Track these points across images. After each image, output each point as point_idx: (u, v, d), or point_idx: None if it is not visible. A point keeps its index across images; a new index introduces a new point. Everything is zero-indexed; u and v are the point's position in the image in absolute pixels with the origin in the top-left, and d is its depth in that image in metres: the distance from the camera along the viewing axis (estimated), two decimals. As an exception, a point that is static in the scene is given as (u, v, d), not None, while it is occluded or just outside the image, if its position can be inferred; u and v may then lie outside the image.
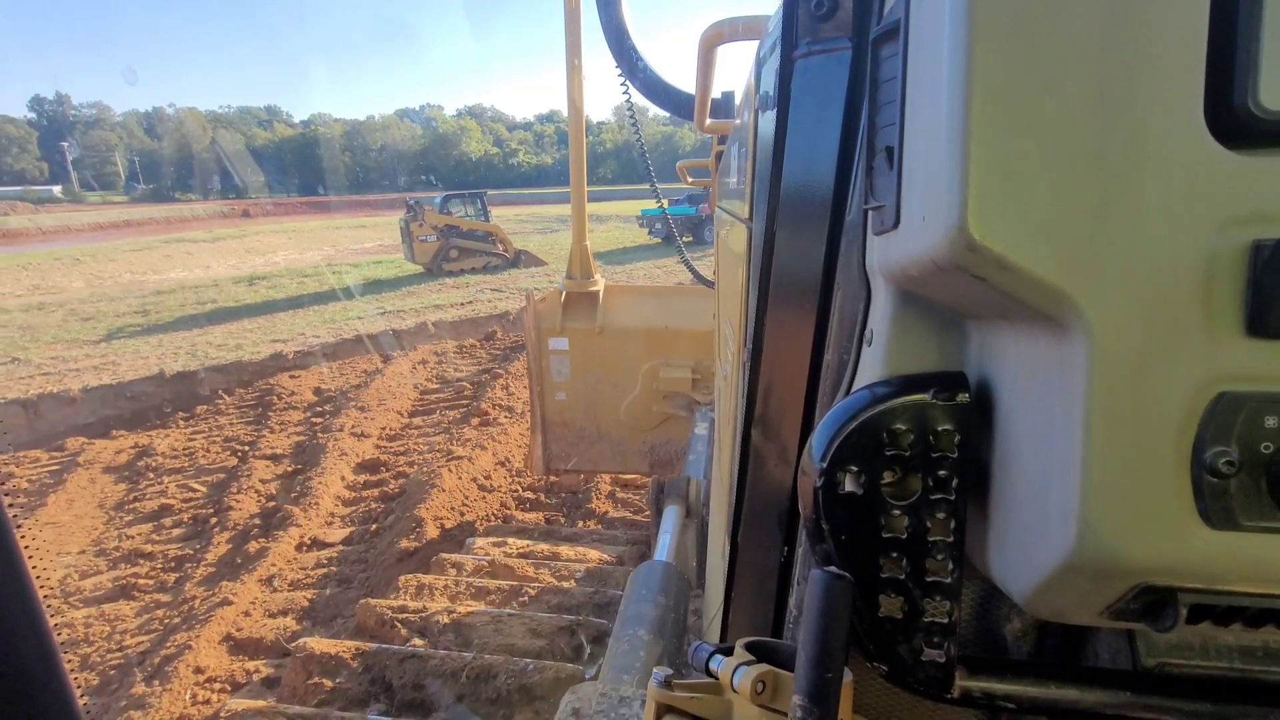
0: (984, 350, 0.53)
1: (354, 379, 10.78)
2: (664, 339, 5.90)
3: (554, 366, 6.19)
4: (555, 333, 6.06)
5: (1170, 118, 0.38)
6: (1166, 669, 0.56)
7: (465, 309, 15.79)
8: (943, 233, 0.42)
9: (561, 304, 5.96)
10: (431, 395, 9.91)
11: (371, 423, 8.59)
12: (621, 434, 6.18)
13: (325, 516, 6.40)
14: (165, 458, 8.06)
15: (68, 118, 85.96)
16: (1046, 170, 0.39)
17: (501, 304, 16.21)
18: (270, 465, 7.59)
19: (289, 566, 5.57)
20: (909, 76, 0.49)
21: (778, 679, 0.55)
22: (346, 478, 7.12)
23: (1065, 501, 0.42)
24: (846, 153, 0.66)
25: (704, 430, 4.53)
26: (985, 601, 0.68)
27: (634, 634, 1.92)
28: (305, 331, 14.33)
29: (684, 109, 3.20)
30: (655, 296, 6.32)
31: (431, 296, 17.74)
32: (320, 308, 16.81)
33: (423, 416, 9.09)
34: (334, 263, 24.74)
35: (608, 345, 6.00)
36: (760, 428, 0.87)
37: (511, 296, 17.07)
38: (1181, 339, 0.39)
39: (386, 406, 9.17)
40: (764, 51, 0.95)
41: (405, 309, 16.16)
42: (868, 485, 0.53)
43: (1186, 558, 0.41)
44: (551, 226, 37.63)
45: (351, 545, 5.99)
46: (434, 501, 6.11)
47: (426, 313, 15.48)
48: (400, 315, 15.40)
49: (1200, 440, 0.40)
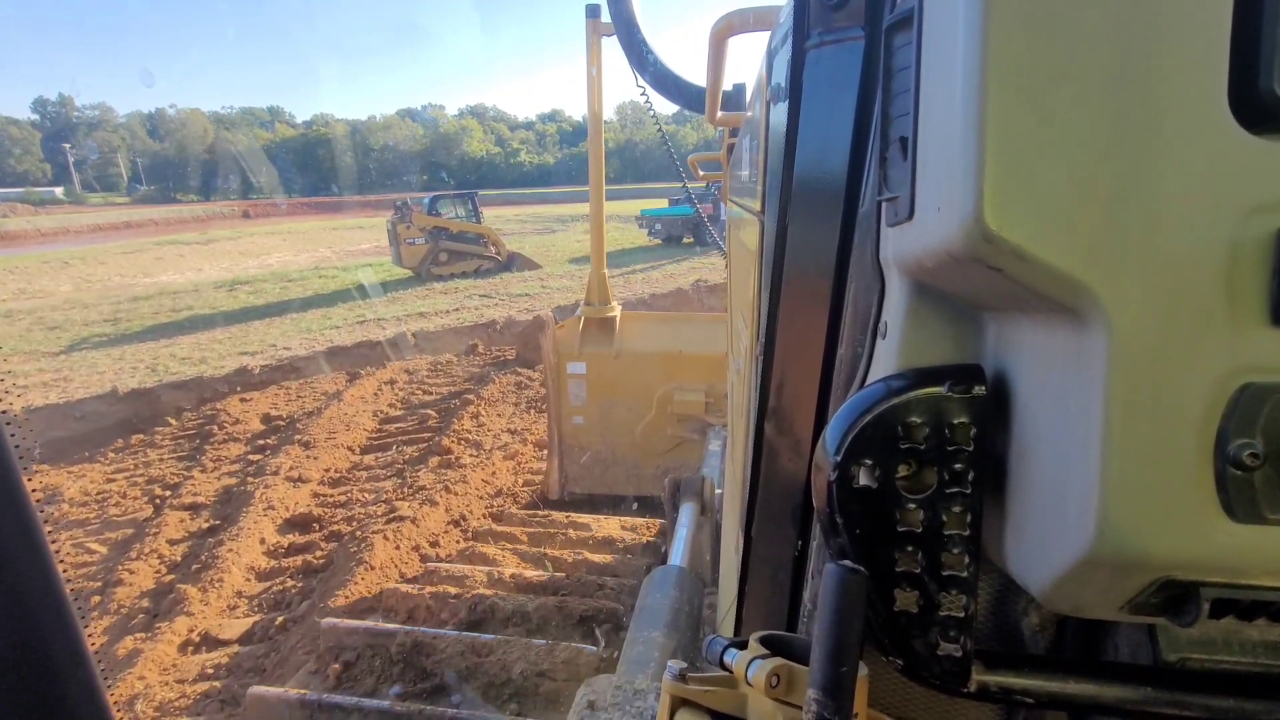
0: (1000, 342, 0.54)
1: (311, 402, 10.08)
2: (678, 363, 6.20)
3: (571, 390, 6.47)
4: (573, 357, 6.37)
5: (1193, 102, 0.38)
6: (1188, 664, 0.56)
7: (450, 317, 15.42)
8: (958, 223, 0.43)
9: (580, 329, 6.36)
10: (392, 425, 9.29)
11: (314, 463, 7.77)
12: (636, 457, 6.45)
13: (228, 599, 5.50)
14: (73, 505, 7.29)
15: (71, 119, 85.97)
16: (1064, 158, 0.40)
17: (489, 311, 15.87)
18: (186, 519, 6.76)
19: (163, 678, 4.57)
20: (923, 65, 0.49)
21: (792, 673, 0.56)
22: (268, 540, 6.29)
23: (1084, 495, 0.43)
24: (860, 144, 0.67)
25: (717, 446, 4.67)
26: (1002, 595, 0.68)
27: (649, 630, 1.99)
28: (277, 343, 13.95)
29: (694, 102, 3.26)
30: (670, 323, 6.77)
31: (417, 303, 17.57)
32: (299, 315, 16.60)
33: (376, 454, 8.33)
34: (322, 266, 23.60)
35: (624, 370, 6.31)
36: (773, 421, 0.87)
37: (501, 303, 17.00)
38: (1204, 329, 0.40)
39: (336, 441, 8.41)
40: (775, 43, 0.96)
41: (387, 316, 15.90)
42: (882, 479, 0.54)
43: (1209, 551, 0.42)
44: (551, 227, 36.50)
45: (250, 644, 5.01)
46: (360, 583, 5.17)
47: (409, 321, 15.22)
48: (381, 324, 15.09)
49: (1223, 432, 0.40)
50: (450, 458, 7.43)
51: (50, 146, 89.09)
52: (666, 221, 26.24)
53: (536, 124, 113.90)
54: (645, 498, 6.38)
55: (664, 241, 25.97)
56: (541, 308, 16.65)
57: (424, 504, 6.19)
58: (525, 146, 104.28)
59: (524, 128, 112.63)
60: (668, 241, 26.10)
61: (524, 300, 17.24)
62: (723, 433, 4.92)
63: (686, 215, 25.48)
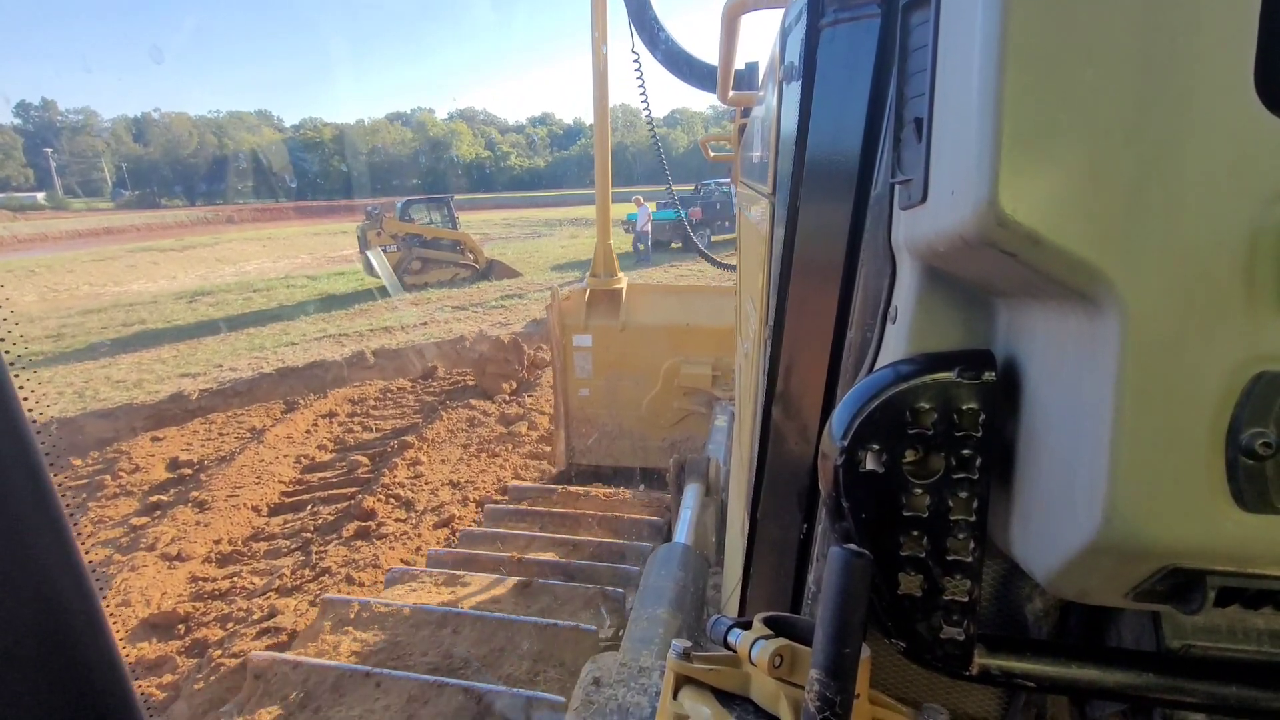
0: (1011, 328, 0.57)
1: (231, 441, 8.99)
2: (685, 336, 6.31)
3: (577, 363, 6.54)
4: (579, 329, 6.46)
5: (1218, 85, 0.39)
6: (1192, 651, 0.60)
7: (417, 332, 14.61)
8: (972, 207, 0.44)
9: (585, 301, 6.52)
10: (315, 475, 8.13)
11: (204, 532, 6.56)
12: (643, 430, 6.57)
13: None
14: None
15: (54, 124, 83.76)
16: (1083, 141, 0.41)
17: (460, 325, 15.08)
18: None
19: None
20: (940, 44, 0.51)
21: (795, 653, 0.60)
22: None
23: (1093, 482, 0.45)
24: (873, 125, 0.69)
25: (723, 422, 4.84)
26: (1006, 580, 0.72)
27: (653, 609, 2.06)
28: (224, 363, 13.11)
29: (706, 81, 3.19)
30: (676, 295, 6.81)
31: (384, 315, 16.87)
32: (256, 330, 15.71)
33: (286, 516, 7.15)
34: (293, 275, 22.44)
35: (630, 342, 6.41)
36: (781, 405, 0.89)
37: (473, 316, 16.20)
38: (1220, 317, 0.41)
39: (240, 499, 7.16)
40: (789, 21, 0.99)
41: (349, 332, 15.06)
42: (889, 464, 0.57)
43: (1217, 540, 0.43)
44: (538, 231, 35.29)
45: None
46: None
47: (372, 337, 14.33)
48: (340, 340, 14.25)
49: (1236, 421, 0.42)
50: (371, 524, 5.91)
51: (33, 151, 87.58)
52: (654, 226, 24.86)
53: (527, 127, 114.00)
54: (651, 470, 6.60)
55: (650, 246, 24.50)
56: (516, 321, 15.35)
57: (309, 605, 4.65)
58: (515, 150, 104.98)
59: (514, 131, 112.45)
60: (655, 247, 24.87)
61: (499, 312, 17.01)
62: (729, 408, 5.08)
63: (674, 220, 23.99)
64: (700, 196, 27.80)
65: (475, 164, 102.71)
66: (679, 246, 25.55)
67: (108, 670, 0.97)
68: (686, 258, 23.47)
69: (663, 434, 6.42)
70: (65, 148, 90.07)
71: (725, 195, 27.33)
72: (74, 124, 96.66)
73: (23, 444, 0.91)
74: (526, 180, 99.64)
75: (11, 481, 0.90)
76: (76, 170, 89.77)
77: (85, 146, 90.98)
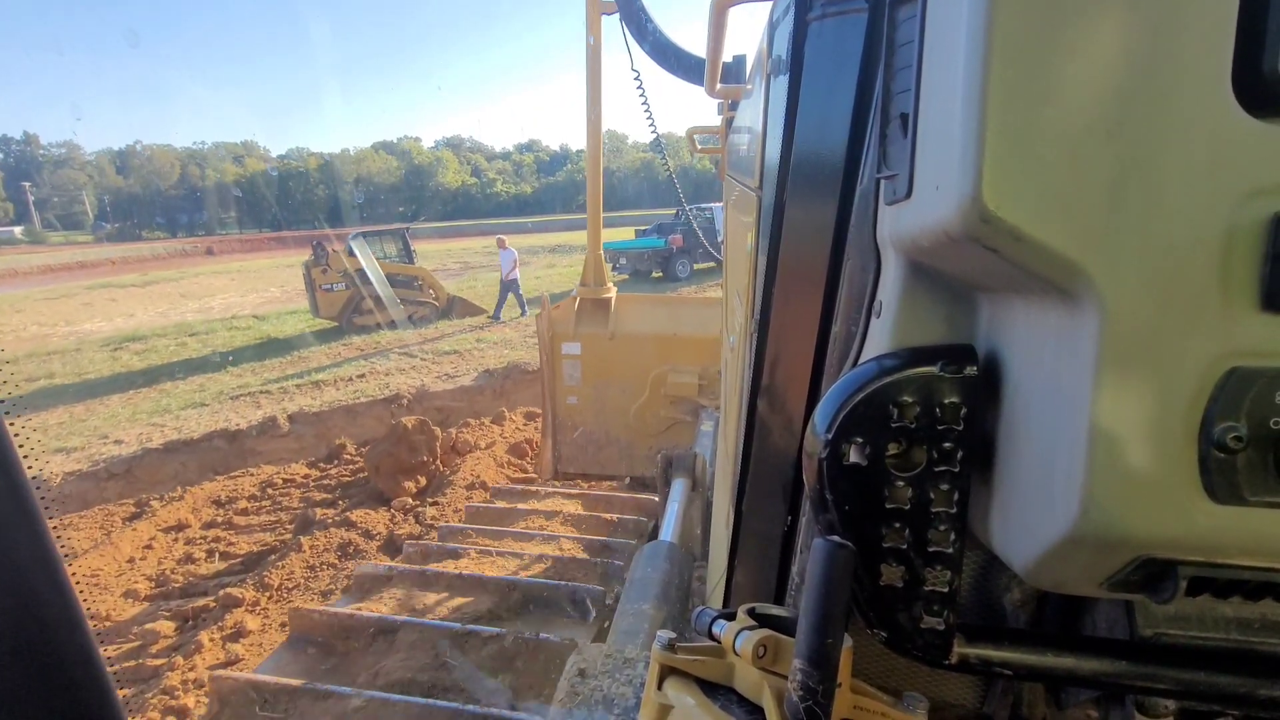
0: (993, 323, 0.58)
1: None
2: (672, 345, 6.38)
3: (566, 370, 6.62)
4: (568, 338, 6.56)
5: (1197, 85, 0.40)
6: (1163, 639, 0.61)
7: (348, 388, 12.49)
8: (956, 202, 0.44)
9: (575, 310, 6.67)
10: None
11: None
12: (630, 438, 6.62)
13: None
14: None
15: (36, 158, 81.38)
16: (1065, 138, 0.41)
17: (400, 377, 13.02)
18: None
19: None
20: (926, 40, 0.51)
21: (779, 643, 0.61)
22: None
23: (1070, 475, 0.46)
24: (860, 119, 0.70)
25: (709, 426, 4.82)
26: (985, 571, 0.73)
27: (639, 604, 2.06)
28: (113, 432, 10.90)
29: (693, 73, 3.22)
30: (665, 305, 7.11)
31: (321, 364, 14.79)
32: (173, 385, 13.56)
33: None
34: (239, 316, 23.19)
35: (618, 351, 6.48)
36: (766, 398, 0.88)
37: (420, 364, 14.11)
38: (1196, 313, 0.42)
39: None
40: (777, 14, 0.98)
41: (274, 387, 13.02)
42: (872, 457, 0.58)
43: (1189, 531, 0.44)
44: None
45: None
46: None
47: (297, 394, 12.36)
48: (258, 399, 12.23)
49: (1209, 415, 0.42)
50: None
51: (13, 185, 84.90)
52: (633, 255, 23.41)
53: (513, 154, 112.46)
54: (638, 478, 6.71)
55: (630, 276, 22.97)
56: (467, 370, 13.16)
57: None
58: (502, 177, 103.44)
59: (501, 158, 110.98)
60: (634, 276, 23.40)
61: (450, 360, 14.98)
62: (715, 414, 5.28)
63: (656, 248, 21.80)
64: (681, 222, 26.01)
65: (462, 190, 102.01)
66: (660, 276, 23.49)
67: (85, 665, 1.00)
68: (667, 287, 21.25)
69: (650, 442, 6.35)
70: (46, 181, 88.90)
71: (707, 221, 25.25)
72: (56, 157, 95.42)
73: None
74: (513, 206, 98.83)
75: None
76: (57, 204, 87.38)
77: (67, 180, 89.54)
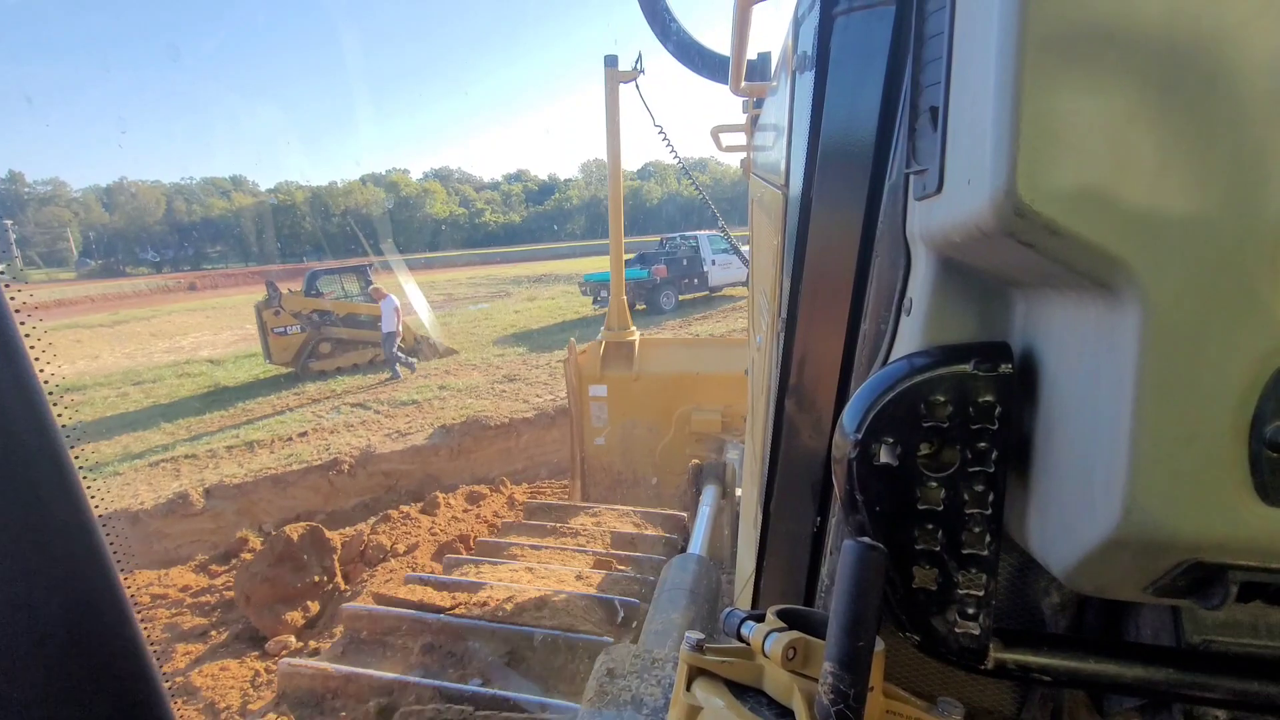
0: (1029, 319, 0.55)
1: None
2: (695, 385, 6.54)
3: (593, 413, 6.75)
4: (595, 380, 6.73)
5: (1249, 67, 0.38)
6: (1213, 647, 0.58)
7: (286, 449, 10.91)
8: (989, 197, 0.43)
9: (601, 353, 6.89)
10: None
11: None
12: (656, 476, 6.78)
13: None
14: None
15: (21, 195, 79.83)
16: (1104, 127, 0.40)
17: (346, 435, 11.39)
18: None
19: None
20: (956, 30, 0.50)
21: (809, 646, 0.59)
22: None
23: (1112, 475, 0.44)
24: (888, 114, 0.68)
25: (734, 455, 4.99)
26: (1022, 573, 0.71)
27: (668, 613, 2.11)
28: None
29: (718, 71, 3.18)
30: (686, 346, 7.28)
31: (263, 417, 13.11)
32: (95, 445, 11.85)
33: None
34: (193, 361, 20.56)
35: (643, 391, 6.63)
36: (794, 397, 0.87)
37: (373, 418, 12.33)
38: (1245, 308, 0.40)
39: None
40: (802, 10, 0.97)
41: (201, 449, 11.35)
42: (903, 457, 0.57)
43: (1239, 534, 0.42)
44: (504, 290, 31.71)
45: None
46: None
47: (224, 459, 10.70)
48: (179, 466, 10.58)
49: (1260, 413, 0.40)
50: None
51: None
52: None
53: (502, 184, 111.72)
54: None
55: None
56: (423, 426, 11.66)
57: None
58: (490, 206, 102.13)
59: (490, 188, 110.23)
60: None
61: (407, 412, 13.09)
62: (739, 445, 5.32)
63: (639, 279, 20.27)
64: (666, 252, 24.53)
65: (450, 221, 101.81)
66: (643, 308, 22.01)
67: (134, 658, 1.00)
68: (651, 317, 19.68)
69: (676, 480, 6.31)
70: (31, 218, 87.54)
71: (693, 250, 23.84)
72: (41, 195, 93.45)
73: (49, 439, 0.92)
74: (502, 236, 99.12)
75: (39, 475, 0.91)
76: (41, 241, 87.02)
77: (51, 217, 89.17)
